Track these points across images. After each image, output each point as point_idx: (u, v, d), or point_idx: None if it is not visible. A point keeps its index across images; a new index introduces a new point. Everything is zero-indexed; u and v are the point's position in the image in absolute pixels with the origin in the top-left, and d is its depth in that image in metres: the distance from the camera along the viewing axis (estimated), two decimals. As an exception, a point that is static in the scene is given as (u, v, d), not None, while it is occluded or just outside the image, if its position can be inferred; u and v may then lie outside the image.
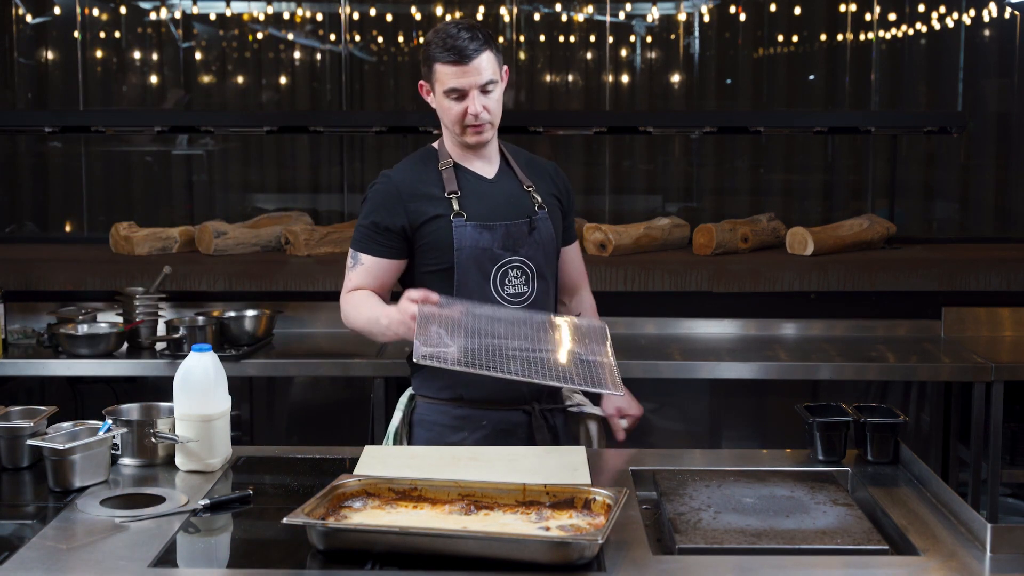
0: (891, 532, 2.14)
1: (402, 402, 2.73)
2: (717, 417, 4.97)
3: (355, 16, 6.14)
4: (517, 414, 2.65)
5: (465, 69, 2.55)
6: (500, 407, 2.64)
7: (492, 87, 2.59)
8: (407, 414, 2.71)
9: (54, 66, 6.17)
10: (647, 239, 4.87)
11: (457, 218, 2.59)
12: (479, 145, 2.65)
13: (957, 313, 4.51)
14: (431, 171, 2.66)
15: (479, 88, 2.57)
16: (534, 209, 2.69)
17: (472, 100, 2.57)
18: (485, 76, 2.56)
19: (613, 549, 1.98)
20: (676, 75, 6.18)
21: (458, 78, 2.56)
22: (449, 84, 2.57)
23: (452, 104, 2.59)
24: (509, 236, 2.61)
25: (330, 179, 6.05)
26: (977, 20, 5.98)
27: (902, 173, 5.69)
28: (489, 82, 2.58)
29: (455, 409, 2.65)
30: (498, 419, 2.64)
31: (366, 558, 1.92)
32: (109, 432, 2.40)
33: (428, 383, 2.68)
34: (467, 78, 2.55)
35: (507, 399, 2.64)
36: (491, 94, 2.59)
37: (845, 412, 2.54)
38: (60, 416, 2.59)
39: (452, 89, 2.57)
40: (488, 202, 2.64)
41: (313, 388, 4.95)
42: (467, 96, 2.57)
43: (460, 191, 2.63)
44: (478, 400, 2.63)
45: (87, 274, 4.61)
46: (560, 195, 2.80)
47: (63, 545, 2.01)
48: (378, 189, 2.64)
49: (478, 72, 2.56)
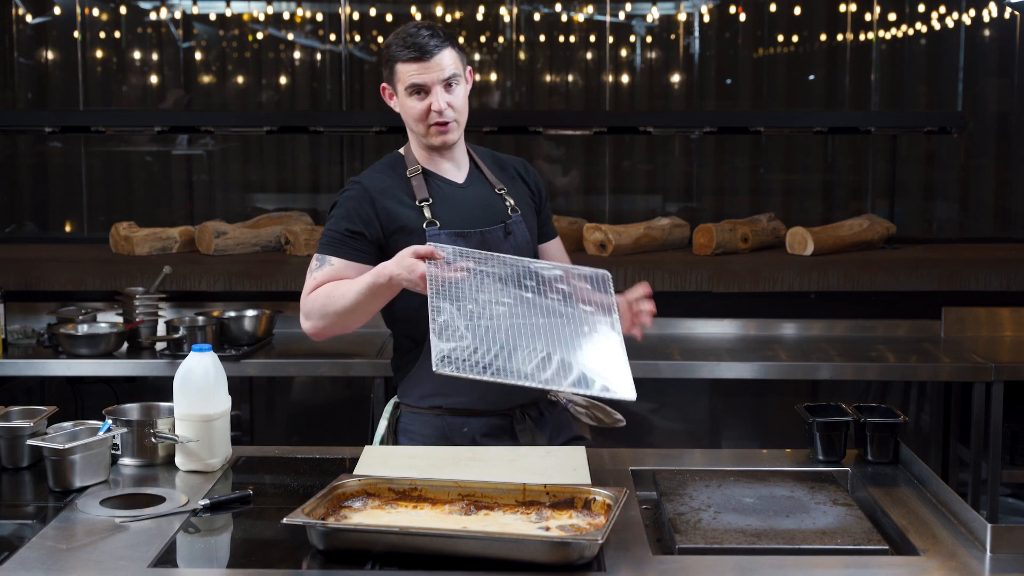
0: (891, 532, 2.14)
1: (387, 410, 2.70)
2: (717, 417, 4.97)
3: (355, 16, 6.14)
4: (498, 419, 2.62)
5: (427, 65, 2.51)
6: (481, 415, 2.61)
7: (456, 83, 2.54)
8: (392, 423, 2.69)
9: (54, 66, 6.17)
10: (647, 239, 4.87)
11: (430, 227, 2.53)
12: (445, 146, 2.59)
13: (957, 313, 4.51)
14: (400, 178, 2.60)
15: (442, 83, 2.52)
16: (507, 213, 2.63)
17: (435, 96, 2.52)
18: (448, 71, 2.52)
19: (613, 549, 1.98)
20: (676, 75, 6.18)
21: (420, 74, 2.52)
22: (411, 81, 2.53)
23: (415, 103, 2.55)
24: (484, 243, 2.55)
25: (330, 179, 6.05)
26: (977, 20, 5.98)
27: (902, 173, 5.69)
28: (452, 76, 2.53)
29: (436, 418, 2.62)
30: (479, 425, 2.61)
31: (366, 558, 1.92)
32: (109, 432, 2.40)
33: (410, 391, 2.65)
34: (429, 74, 2.52)
35: (487, 408, 2.60)
36: (455, 90, 2.55)
37: (845, 412, 2.54)
38: (60, 416, 2.59)
39: (413, 85, 2.53)
40: (461, 208, 2.58)
41: (313, 388, 4.95)
42: (430, 92, 2.53)
43: (431, 198, 2.57)
44: (458, 409, 2.60)
45: (87, 274, 4.61)
46: (532, 194, 2.74)
47: (63, 545, 2.01)
48: (350, 195, 2.57)
49: (440, 68, 2.52)
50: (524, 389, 2.28)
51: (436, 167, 2.64)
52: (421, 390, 2.62)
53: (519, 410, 2.64)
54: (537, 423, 2.65)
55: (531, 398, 2.65)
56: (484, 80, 6.17)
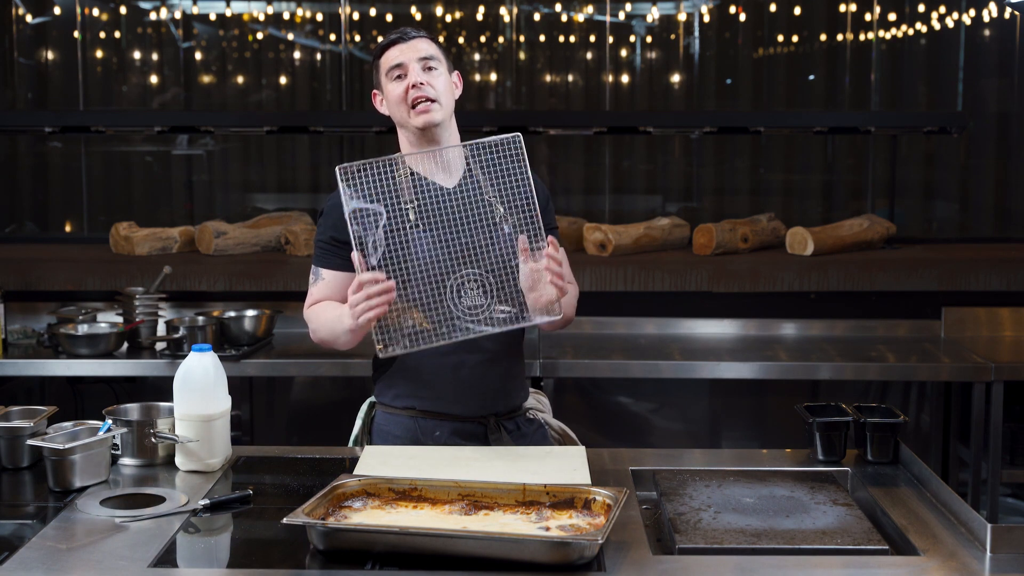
0: (891, 532, 2.14)
1: (363, 410, 2.71)
2: (717, 417, 4.97)
3: (355, 16, 6.14)
4: (472, 425, 2.62)
5: (404, 47, 2.60)
6: (455, 419, 2.60)
7: (435, 66, 2.60)
8: (367, 422, 2.69)
9: (54, 66, 6.17)
10: (647, 239, 4.87)
11: (414, 229, 2.54)
12: (430, 127, 2.59)
13: (957, 313, 4.51)
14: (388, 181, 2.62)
15: (418, 61, 2.59)
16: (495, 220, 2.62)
17: (413, 72, 2.58)
18: (424, 51, 2.60)
19: (613, 549, 1.98)
20: (676, 75, 6.18)
21: (398, 56, 2.60)
22: (390, 64, 2.61)
23: (396, 86, 2.60)
24: (466, 249, 2.53)
25: (330, 179, 6.05)
26: (977, 20, 5.98)
27: (902, 173, 5.69)
28: (430, 57, 2.60)
29: (409, 419, 2.62)
30: (453, 429, 2.60)
31: (366, 558, 1.92)
32: (109, 432, 2.40)
33: (385, 391, 2.65)
34: (406, 54, 2.59)
35: (460, 413, 2.60)
36: (434, 72, 2.60)
37: (845, 412, 2.54)
38: (60, 416, 2.59)
39: (393, 68, 2.60)
40: (446, 213, 2.56)
41: (313, 388, 4.95)
42: (408, 72, 2.59)
43: (417, 201, 2.57)
44: (431, 412, 2.60)
45: (87, 274, 4.61)
46: None
47: (63, 545, 2.01)
48: (335, 204, 2.59)
49: (416, 49, 2.60)
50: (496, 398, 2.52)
51: (425, 171, 2.63)
52: (396, 390, 2.63)
53: (494, 419, 2.63)
54: (513, 435, 2.65)
55: (508, 408, 2.65)
56: (484, 80, 6.18)
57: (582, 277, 4.55)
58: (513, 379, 2.66)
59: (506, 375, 2.64)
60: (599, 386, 4.89)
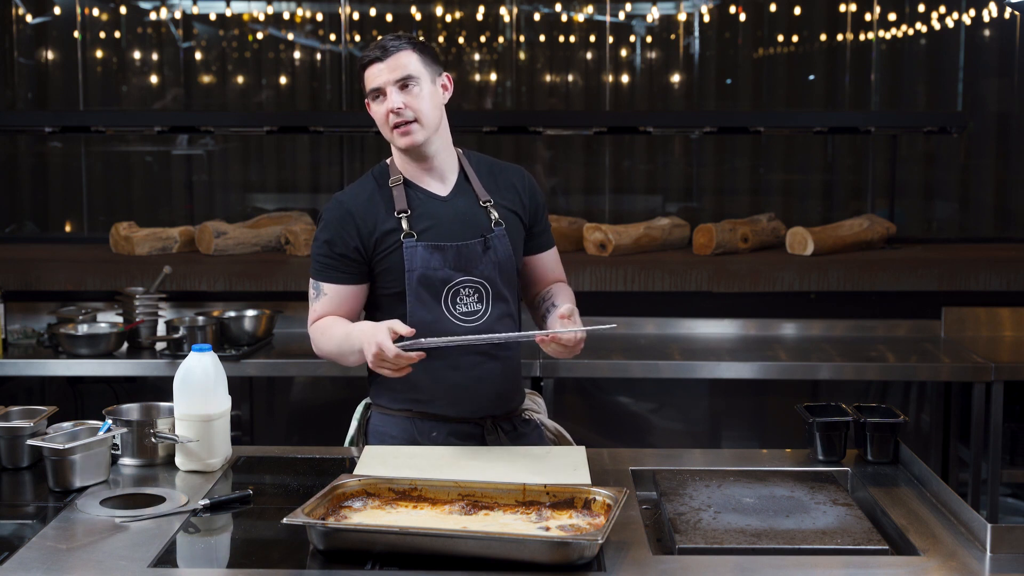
0: (891, 532, 2.14)
1: (358, 411, 2.71)
2: (717, 417, 4.97)
3: (355, 16, 6.14)
4: (469, 427, 2.61)
5: (381, 67, 2.53)
6: (451, 421, 2.60)
7: (413, 84, 2.52)
8: (362, 423, 2.69)
9: (54, 66, 6.17)
10: (647, 239, 4.87)
11: (407, 238, 2.53)
12: (413, 149, 2.56)
13: (957, 313, 4.52)
14: (382, 190, 2.60)
15: (395, 84, 2.51)
16: (490, 227, 2.60)
17: (389, 97, 2.52)
18: (400, 72, 2.51)
19: (613, 549, 1.98)
20: (676, 75, 6.18)
21: (376, 77, 2.53)
22: (370, 87, 2.55)
23: (377, 107, 2.56)
24: (461, 256, 2.54)
25: (330, 179, 6.05)
26: (977, 20, 5.98)
27: (902, 173, 5.69)
28: (407, 77, 2.51)
29: (405, 420, 2.61)
30: (449, 430, 2.60)
31: (366, 558, 1.92)
32: (109, 432, 2.41)
33: (382, 393, 2.64)
34: (383, 76, 2.52)
35: (457, 415, 2.59)
36: (412, 91, 2.52)
37: (845, 412, 2.54)
38: (60, 416, 2.59)
39: (372, 91, 2.55)
40: (440, 221, 2.57)
41: (313, 388, 4.95)
42: (386, 95, 2.53)
43: (410, 210, 2.56)
44: (428, 413, 2.60)
45: (87, 274, 4.61)
46: (521, 207, 2.68)
47: (63, 545, 2.01)
48: (331, 216, 2.58)
49: (393, 69, 2.51)
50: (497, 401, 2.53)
51: (419, 179, 2.62)
52: (392, 392, 2.62)
53: (491, 421, 2.62)
54: (509, 436, 2.64)
55: (504, 411, 2.65)
56: (484, 80, 6.17)
57: (582, 277, 4.56)
58: (509, 381, 2.66)
59: (502, 377, 2.63)
60: (599, 386, 4.89)
